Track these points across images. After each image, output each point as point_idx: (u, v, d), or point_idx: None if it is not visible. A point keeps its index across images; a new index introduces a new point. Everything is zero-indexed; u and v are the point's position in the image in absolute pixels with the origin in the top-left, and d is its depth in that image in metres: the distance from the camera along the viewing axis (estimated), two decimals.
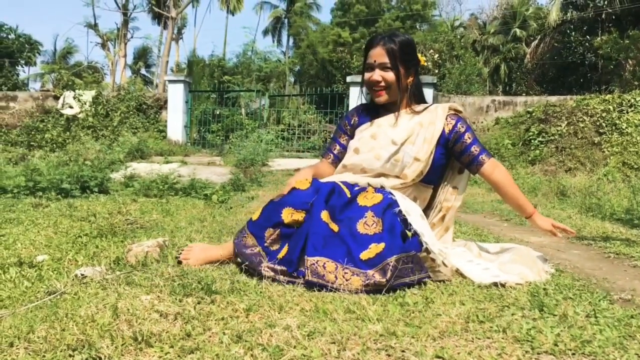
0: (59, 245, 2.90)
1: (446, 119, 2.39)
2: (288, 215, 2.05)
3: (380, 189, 2.23)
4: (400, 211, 2.07)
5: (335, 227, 2.00)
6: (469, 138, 2.39)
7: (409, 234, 2.01)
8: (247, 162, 9.36)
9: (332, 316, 1.55)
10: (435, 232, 2.42)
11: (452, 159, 2.47)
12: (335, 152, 2.60)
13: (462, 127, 2.39)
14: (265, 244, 2.08)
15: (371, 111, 2.54)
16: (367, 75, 2.42)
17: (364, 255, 1.92)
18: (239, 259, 2.12)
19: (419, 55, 2.50)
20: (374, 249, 1.93)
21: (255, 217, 2.18)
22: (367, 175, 2.38)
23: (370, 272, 1.88)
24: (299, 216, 2.04)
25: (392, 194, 2.18)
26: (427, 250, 2.03)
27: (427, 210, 2.51)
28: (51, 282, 2.02)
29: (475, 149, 2.38)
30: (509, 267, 2.16)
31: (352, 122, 2.59)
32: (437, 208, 2.49)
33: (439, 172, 2.46)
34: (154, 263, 2.18)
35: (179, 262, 2.19)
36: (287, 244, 2.04)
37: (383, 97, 2.41)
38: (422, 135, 2.35)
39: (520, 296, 1.82)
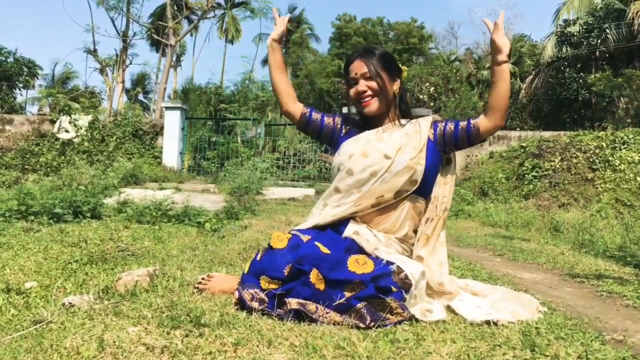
0: (49, 271, 2.87)
1: (430, 128, 2.37)
2: (265, 283, 2.02)
3: (374, 257, 2.11)
4: (406, 275, 1.99)
5: (321, 286, 1.96)
6: (451, 122, 2.38)
7: (394, 289, 1.96)
8: (242, 190, 9.34)
9: (321, 352, 1.53)
10: (431, 244, 2.34)
11: (441, 165, 2.41)
12: (314, 115, 2.49)
13: (441, 123, 2.39)
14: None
15: (358, 125, 2.49)
16: (352, 90, 2.41)
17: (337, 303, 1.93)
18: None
19: (401, 66, 2.51)
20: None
21: (246, 270, 2.14)
22: (360, 204, 2.31)
23: (344, 316, 1.90)
24: (275, 286, 2.00)
25: (391, 262, 2.05)
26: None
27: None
28: (38, 310, 2.00)
29: (461, 122, 2.36)
30: (501, 305, 2.14)
31: (341, 126, 2.50)
32: (430, 219, 2.37)
33: (432, 181, 2.38)
34: (143, 293, 2.15)
35: (199, 290, 2.20)
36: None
37: (373, 106, 2.38)
38: (411, 144, 2.32)
39: (512, 335, 1.80)
